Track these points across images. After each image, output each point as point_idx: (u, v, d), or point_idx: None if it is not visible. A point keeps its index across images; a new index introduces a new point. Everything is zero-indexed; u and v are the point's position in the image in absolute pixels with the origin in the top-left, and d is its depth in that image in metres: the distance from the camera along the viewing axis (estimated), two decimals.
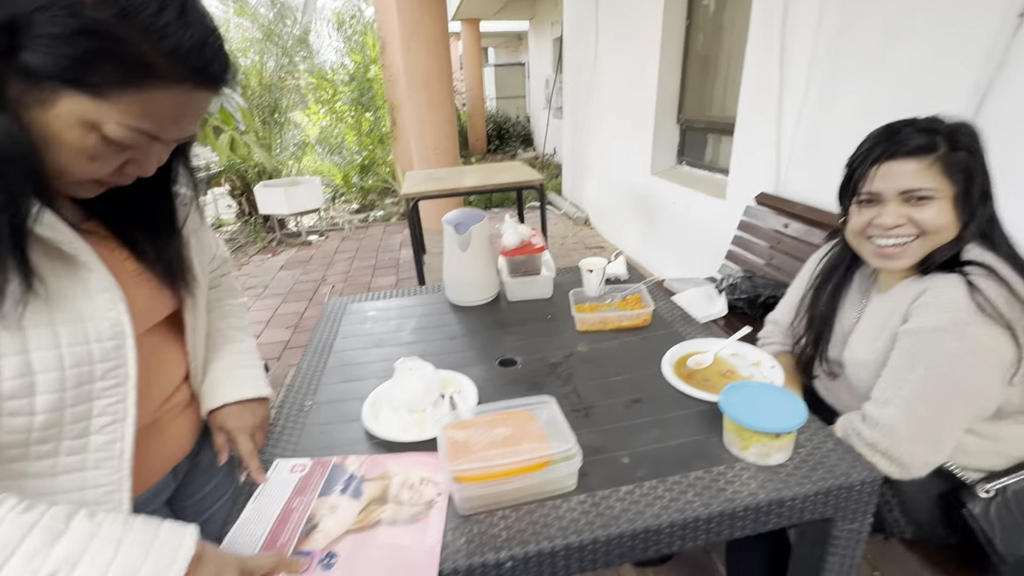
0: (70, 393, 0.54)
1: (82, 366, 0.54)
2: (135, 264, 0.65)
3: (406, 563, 0.64)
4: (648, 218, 3.59)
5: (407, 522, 0.70)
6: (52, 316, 0.52)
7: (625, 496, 0.73)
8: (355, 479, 0.79)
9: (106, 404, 0.57)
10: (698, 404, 0.92)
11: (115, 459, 0.59)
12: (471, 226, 1.32)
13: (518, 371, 1.08)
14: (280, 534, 0.70)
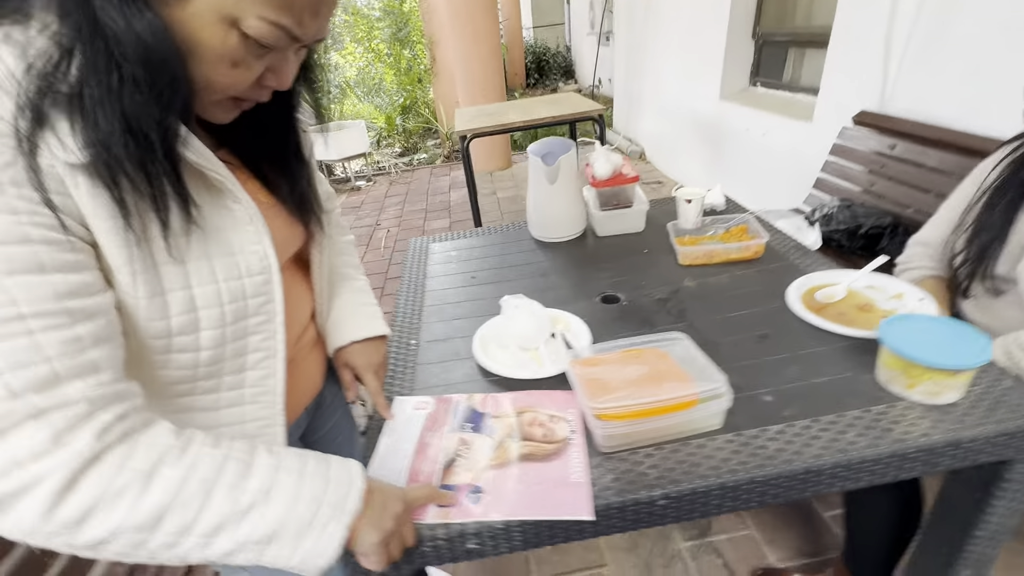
0: (229, 329, 0.53)
1: (237, 301, 0.53)
2: (267, 196, 0.62)
3: (556, 499, 0.62)
4: (714, 148, 3.35)
5: (545, 459, 0.68)
6: (207, 249, 0.50)
7: (776, 436, 0.68)
8: (483, 416, 0.77)
9: (259, 340, 0.57)
10: (837, 340, 0.85)
11: (269, 394, 0.59)
12: (560, 156, 1.23)
13: (623, 308, 1.03)
14: (420, 468, 0.70)
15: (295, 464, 0.49)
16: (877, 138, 1.93)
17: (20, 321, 0.37)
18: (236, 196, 0.52)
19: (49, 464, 0.38)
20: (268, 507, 0.46)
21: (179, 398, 0.54)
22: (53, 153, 0.39)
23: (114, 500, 0.40)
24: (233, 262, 0.52)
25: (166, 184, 0.44)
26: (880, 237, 1.70)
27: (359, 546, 0.52)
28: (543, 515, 0.61)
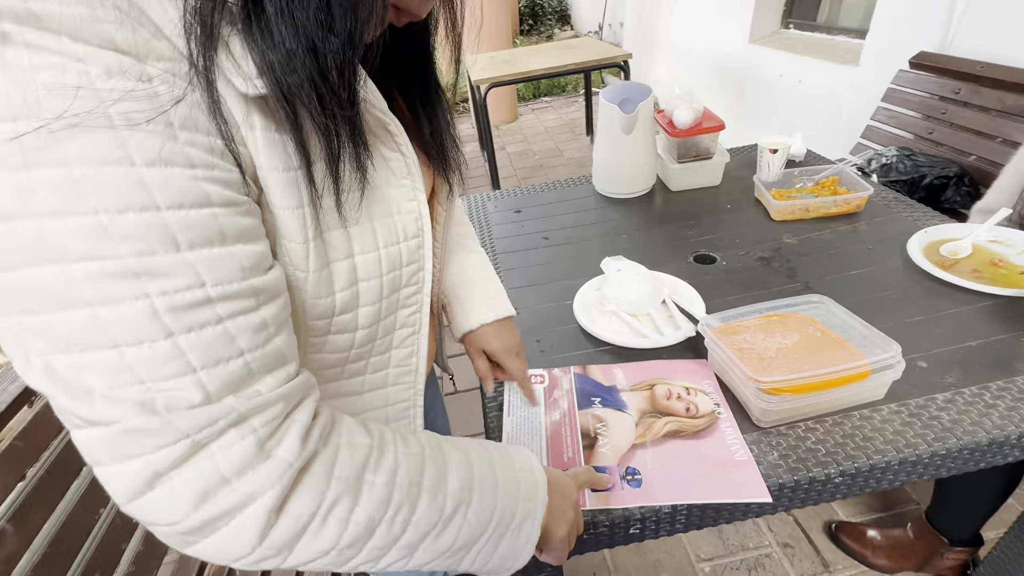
0: (384, 303, 0.44)
1: (395, 270, 0.44)
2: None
3: (727, 480, 0.57)
4: (741, 96, 3.20)
5: (695, 435, 0.63)
6: (368, 209, 0.41)
7: (946, 406, 0.63)
8: (612, 390, 0.71)
9: (408, 314, 0.48)
10: (978, 299, 0.79)
11: (412, 373, 0.52)
12: (638, 103, 1.12)
13: (723, 268, 0.96)
14: (560, 449, 0.64)
15: (483, 457, 0.43)
16: (937, 81, 1.83)
17: (209, 306, 0.29)
18: (397, 141, 0.43)
19: (259, 480, 0.30)
20: (470, 509, 0.40)
21: (326, 384, 0.46)
22: (229, 82, 0.30)
23: (326, 516, 0.33)
24: (391, 224, 0.43)
25: (343, 127, 0.35)
26: (944, 188, 1.63)
27: (549, 542, 0.47)
28: (717, 498, 0.56)
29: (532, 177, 3.60)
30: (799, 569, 1.22)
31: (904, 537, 1.15)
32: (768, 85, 2.91)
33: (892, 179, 1.71)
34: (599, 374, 0.74)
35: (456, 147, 0.56)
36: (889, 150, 1.81)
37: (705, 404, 0.67)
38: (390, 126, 0.42)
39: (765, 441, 0.62)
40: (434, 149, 0.53)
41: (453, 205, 0.62)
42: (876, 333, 0.65)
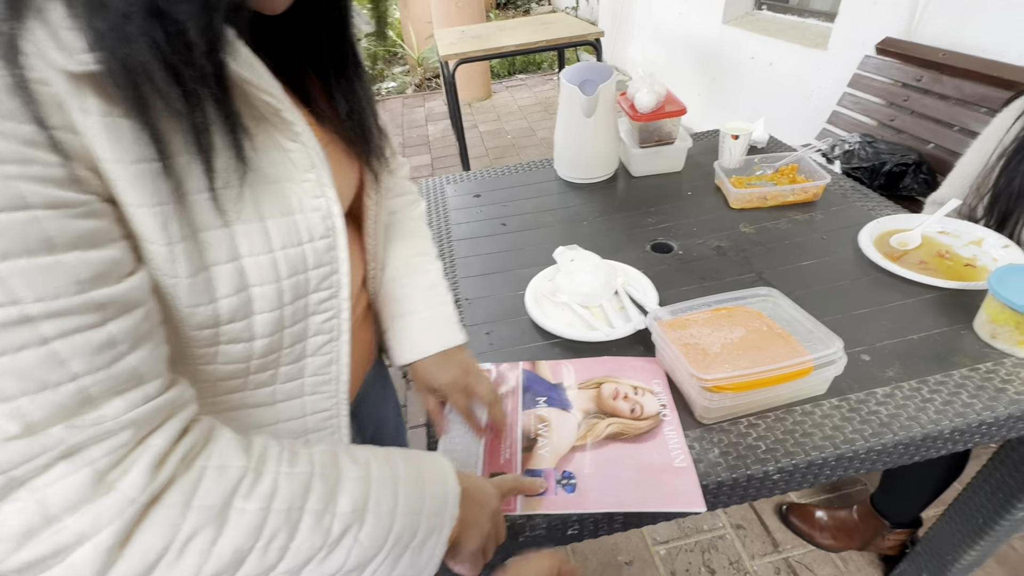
0: (288, 310, 0.41)
1: (297, 275, 0.40)
2: (319, 130, 0.47)
3: (664, 488, 0.56)
4: (714, 78, 3.18)
5: (637, 438, 0.62)
6: (259, 206, 0.37)
7: (885, 400, 0.63)
8: (557, 388, 0.69)
9: (322, 321, 0.45)
10: (922, 291, 0.79)
11: (332, 382, 0.48)
12: (600, 85, 1.08)
13: (679, 257, 0.94)
14: (498, 450, 0.62)
15: (386, 471, 0.40)
16: (902, 68, 1.84)
17: (28, 325, 0.25)
18: (295, 130, 0.39)
19: (94, 516, 0.27)
20: (362, 530, 0.37)
21: (226, 395, 0.42)
22: (48, 59, 0.25)
23: (182, 550, 0.30)
24: (291, 223, 0.39)
25: (210, 106, 0.31)
26: (903, 175, 1.66)
27: (458, 555, 0.45)
28: (651, 507, 0.55)
29: (504, 157, 3.54)
30: (751, 549, 1.25)
31: (849, 518, 1.19)
32: (740, 68, 2.90)
33: (854, 165, 1.73)
34: (547, 370, 0.72)
35: (380, 130, 0.52)
36: (852, 136, 1.82)
37: (651, 405, 0.65)
38: (284, 112, 0.37)
39: (707, 438, 0.61)
40: (353, 133, 0.48)
41: (383, 194, 0.58)
42: (821, 328, 0.64)
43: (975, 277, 0.80)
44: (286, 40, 0.44)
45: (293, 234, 0.39)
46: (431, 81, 5.37)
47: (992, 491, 0.85)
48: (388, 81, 5.63)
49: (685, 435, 0.62)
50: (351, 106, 0.47)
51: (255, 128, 0.38)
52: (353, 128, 0.48)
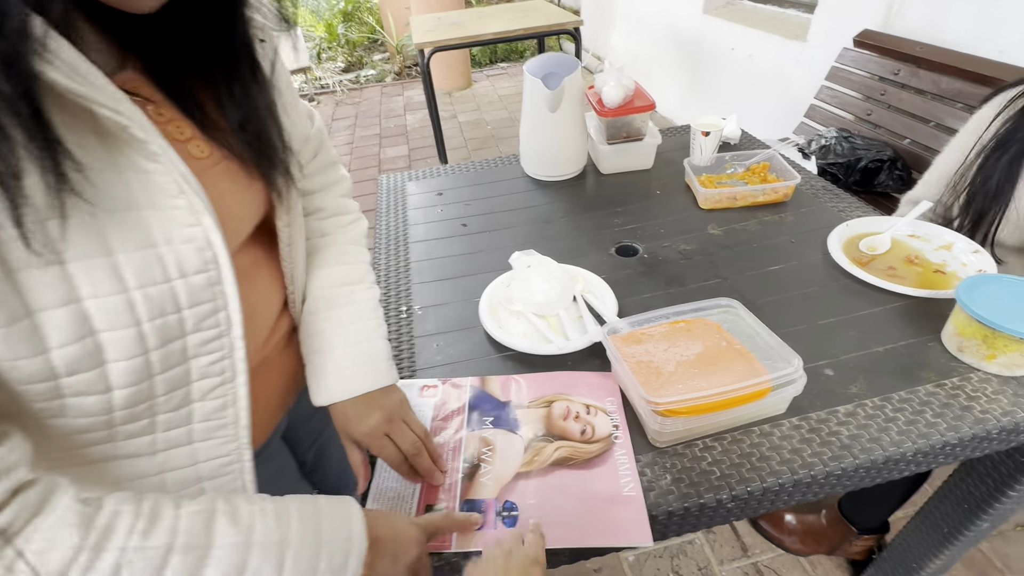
0: (155, 356, 0.35)
1: (166, 315, 0.35)
2: (206, 143, 0.41)
3: (610, 520, 0.52)
4: (694, 70, 3.13)
5: (586, 464, 0.58)
6: (105, 239, 0.31)
7: (847, 419, 0.60)
8: (506, 407, 0.65)
9: (208, 363, 0.39)
10: (890, 299, 0.76)
11: (229, 427, 0.43)
12: (564, 78, 1.03)
13: (644, 261, 0.90)
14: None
15: (273, 534, 0.35)
16: (879, 62, 1.81)
17: None
18: (151, 149, 0.33)
19: None
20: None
21: (89, 448, 0.37)
22: None
23: None
24: (152, 257, 0.33)
25: (12, 126, 0.25)
26: (878, 172, 1.63)
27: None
28: (595, 542, 0.51)
29: (483, 149, 3.46)
30: (720, 555, 1.23)
31: (817, 523, 1.17)
32: (720, 59, 2.85)
33: (830, 161, 1.70)
34: (497, 387, 0.68)
35: (284, 144, 0.45)
36: (829, 131, 1.79)
37: (603, 427, 0.61)
38: (132, 129, 0.31)
39: (660, 463, 0.58)
40: (249, 148, 0.42)
41: (296, 215, 0.52)
42: (780, 344, 0.60)
43: (944, 284, 0.77)
44: (163, 39, 0.38)
45: (156, 270, 0.34)
46: (411, 69, 5.25)
47: (958, 501, 0.83)
48: (367, 68, 5.49)
49: (637, 459, 0.58)
50: (245, 116, 0.41)
51: (104, 145, 0.32)
52: (248, 142, 0.42)
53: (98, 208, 0.30)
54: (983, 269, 0.76)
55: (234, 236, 0.44)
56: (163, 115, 0.39)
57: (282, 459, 0.62)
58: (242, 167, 0.43)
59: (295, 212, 0.50)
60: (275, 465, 0.60)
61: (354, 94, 4.82)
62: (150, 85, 0.38)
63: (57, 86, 0.27)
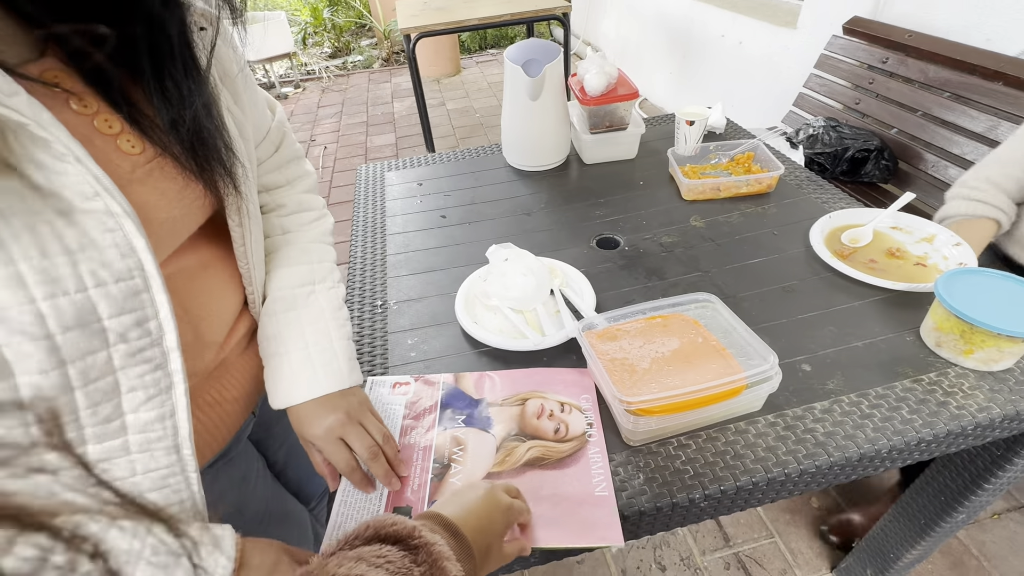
0: (73, 369, 0.33)
1: (84, 327, 0.32)
2: (138, 139, 0.38)
3: (581, 520, 0.51)
4: (684, 57, 3.09)
5: (559, 463, 0.57)
6: (4, 247, 0.29)
7: (823, 416, 0.59)
8: (480, 405, 0.63)
9: (138, 375, 0.37)
10: (870, 292, 0.75)
11: (167, 438, 0.40)
12: (545, 65, 1.00)
13: (624, 254, 0.89)
14: (406, 481, 0.56)
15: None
16: (867, 50, 1.79)
17: None
18: (58, 149, 0.30)
19: None
20: None
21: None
22: None
23: None
24: (64, 266, 0.31)
25: None
26: (865, 162, 1.62)
27: None
28: (568, 542, 0.50)
29: (471, 137, 3.42)
30: (702, 545, 1.24)
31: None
32: (710, 47, 2.82)
33: (818, 150, 1.69)
34: (471, 384, 0.66)
35: (223, 142, 0.42)
36: (817, 120, 1.78)
37: (577, 425, 0.60)
38: (31, 127, 0.29)
39: (633, 462, 0.57)
40: (183, 148, 0.39)
41: (252, 211, 0.49)
42: (757, 340, 0.59)
43: (924, 277, 0.76)
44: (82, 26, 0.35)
45: (68, 279, 0.31)
46: (399, 55, 5.16)
47: (935, 494, 0.83)
48: (355, 54, 5.39)
49: (611, 458, 0.57)
50: (177, 114, 0.38)
51: (3, 143, 0.29)
52: (182, 142, 0.39)
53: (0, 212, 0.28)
54: (964, 262, 0.76)
55: (171, 237, 0.42)
56: (88, 108, 0.36)
57: (247, 462, 0.61)
58: (178, 166, 0.40)
59: (247, 211, 0.48)
60: (240, 470, 0.59)
61: (341, 80, 4.73)
62: (73, 76, 0.35)
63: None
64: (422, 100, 2.85)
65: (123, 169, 0.36)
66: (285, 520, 0.68)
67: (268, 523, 0.64)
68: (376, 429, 0.54)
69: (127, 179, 0.36)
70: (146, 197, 0.36)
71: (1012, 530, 1.20)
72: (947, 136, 1.52)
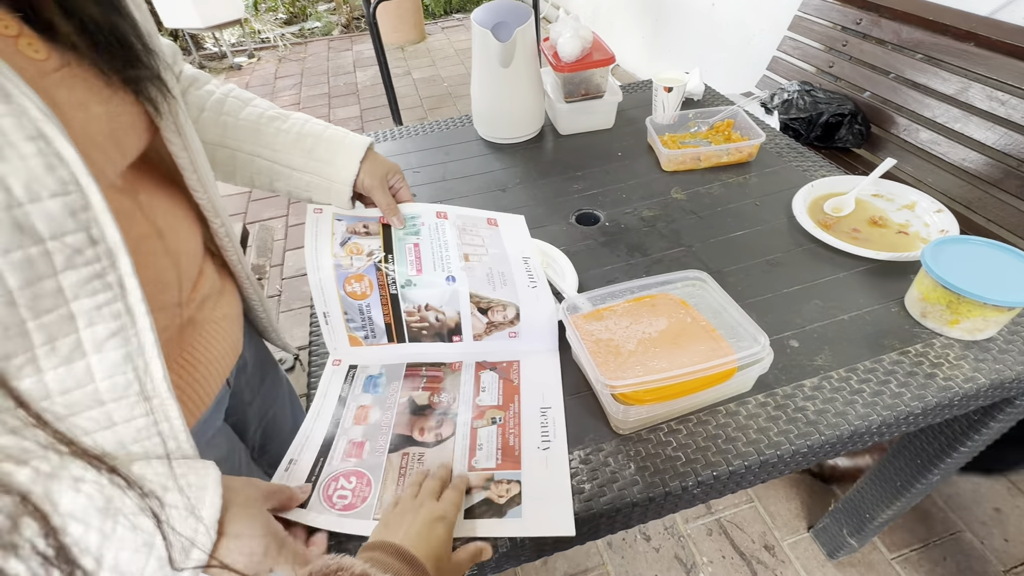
0: (22, 297, 0.30)
1: (25, 248, 0.29)
2: (41, 43, 0.34)
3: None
4: (656, 19, 3.02)
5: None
6: None
7: (813, 394, 0.58)
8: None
9: (94, 306, 0.33)
10: (854, 263, 0.74)
11: (139, 382, 0.37)
12: (516, 28, 0.93)
13: (605, 230, 0.85)
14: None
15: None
16: (841, 10, 1.76)
17: None
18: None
19: None
20: None
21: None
22: None
23: None
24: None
25: None
26: (839, 127, 1.62)
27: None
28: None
29: (439, 108, 3.29)
30: (685, 513, 1.26)
31: None
32: (683, 9, 2.75)
33: (793, 116, 1.67)
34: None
35: (140, 40, 0.38)
36: (791, 85, 1.75)
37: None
38: None
39: (623, 451, 0.54)
40: (98, 49, 0.35)
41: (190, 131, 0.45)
42: (747, 320, 0.57)
43: (907, 246, 0.75)
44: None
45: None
46: (359, 20, 4.89)
47: (911, 458, 0.85)
48: (311, 20, 5.09)
49: (600, 448, 0.54)
50: (88, 17, 0.34)
51: None
52: (96, 45, 0.35)
53: None
54: (945, 229, 0.75)
55: (104, 160, 0.37)
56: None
57: (228, 444, 0.56)
58: (98, 75, 0.36)
59: (188, 130, 0.43)
60: (220, 451, 0.54)
61: (298, 49, 4.48)
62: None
63: None
64: (386, 69, 2.70)
65: (28, 73, 0.31)
66: None
67: None
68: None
69: (35, 86, 0.31)
70: (61, 108, 0.31)
71: (975, 482, 1.25)
72: (919, 99, 1.52)
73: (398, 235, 0.65)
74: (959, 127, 1.40)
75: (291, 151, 0.60)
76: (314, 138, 0.61)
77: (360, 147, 0.62)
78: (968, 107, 1.39)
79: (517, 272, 0.63)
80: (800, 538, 1.20)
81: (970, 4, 1.47)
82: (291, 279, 2.10)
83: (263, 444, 0.70)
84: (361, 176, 0.62)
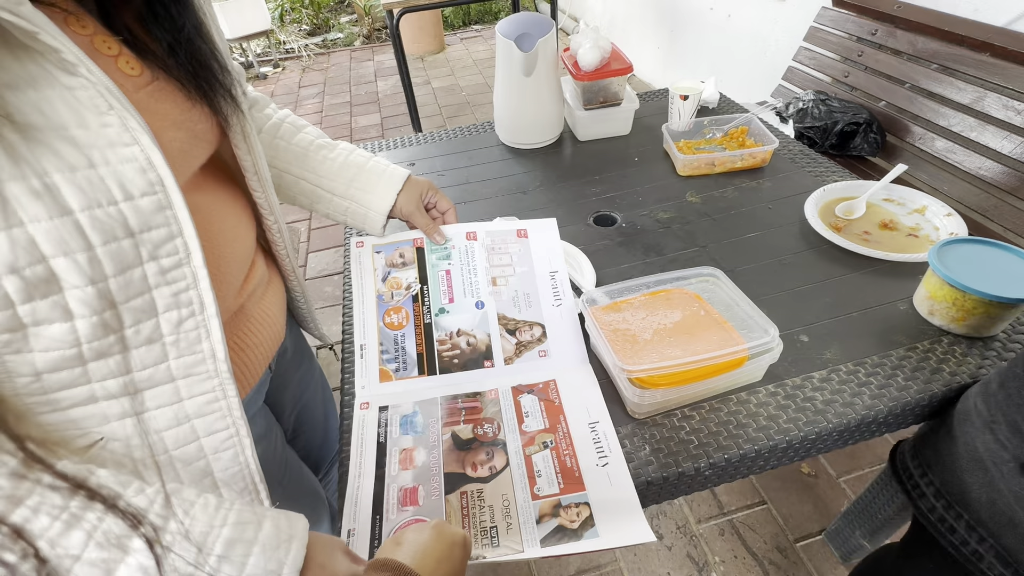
0: (115, 284, 0.34)
1: (119, 240, 0.34)
2: (136, 61, 0.39)
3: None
4: (672, 30, 3.06)
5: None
6: (37, 160, 0.30)
7: (822, 385, 0.61)
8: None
9: (171, 294, 0.38)
10: (864, 263, 0.77)
11: (207, 361, 0.41)
12: (538, 40, 0.98)
13: (622, 231, 0.89)
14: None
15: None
16: (856, 21, 1.78)
17: None
18: (68, 60, 0.30)
19: None
20: None
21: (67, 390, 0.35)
22: None
23: None
24: (92, 178, 0.32)
25: None
26: (854, 135, 1.63)
27: None
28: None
29: (458, 116, 3.36)
30: (697, 513, 1.28)
31: None
32: (698, 20, 2.79)
33: (807, 125, 1.69)
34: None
35: (222, 66, 0.43)
36: (807, 94, 1.78)
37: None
38: (40, 35, 0.29)
39: (639, 434, 0.58)
40: (182, 71, 0.40)
41: (254, 139, 0.50)
42: (758, 313, 0.60)
43: (917, 248, 0.77)
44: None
45: (100, 191, 0.32)
46: (380, 32, 5.02)
47: None
48: (334, 31, 5.23)
49: (617, 431, 0.58)
50: (173, 39, 0.39)
51: (12, 62, 0.29)
52: (182, 64, 0.40)
53: (20, 127, 0.29)
54: (955, 232, 0.77)
55: (181, 162, 0.42)
56: (86, 28, 0.36)
57: (266, 423, 0.61)
58: (181, 89, 0.41)
59: (253, 138, 0.49)
60: (259, 429, 0.58)
61: (321, 59, 4.60)
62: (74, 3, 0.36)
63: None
64: (407, 79, 2.79)
65: (126, 89, 0.36)
66: (300, 484, 0.68)
67: (287, 485, 0.64)
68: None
69: (131, 99, 0.35)
70: (150, 119, 0.36)
71: None
72: (934, 108, 1.54)
73: (431, 261, 0.69)
74: (975, 136, 1.41)
75: (334, 179, 0.66)
76: (357, 168, 0.67)
77: (399, 179, 0.68)
78: (984, 116, 1.40)
79: (543, 290, 0.67)
80: (813, 540, 1.20)
81: (986, 15, 1.49)
82: (313, 279, 2.16)
83: (295, 428, 0.74)
84: (399, 205, 0.68)
